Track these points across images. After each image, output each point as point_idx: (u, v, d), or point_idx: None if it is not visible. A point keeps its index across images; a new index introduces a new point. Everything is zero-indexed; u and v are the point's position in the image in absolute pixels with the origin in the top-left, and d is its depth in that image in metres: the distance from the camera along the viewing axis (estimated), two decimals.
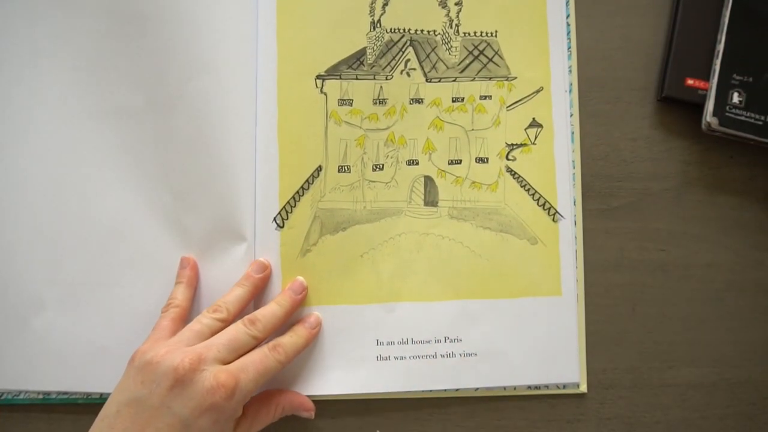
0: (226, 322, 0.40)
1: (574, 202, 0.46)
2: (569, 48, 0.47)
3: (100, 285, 0.44)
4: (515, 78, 0.46)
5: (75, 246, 0.44)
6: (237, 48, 0.45)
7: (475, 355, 0.44)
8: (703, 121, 0.46)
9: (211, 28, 0.45)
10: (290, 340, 0.41)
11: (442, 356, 0.44)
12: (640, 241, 0.47)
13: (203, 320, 0.40)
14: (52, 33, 0.45)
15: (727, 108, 0.45)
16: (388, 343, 0.44)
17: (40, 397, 0.44)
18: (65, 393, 0.43)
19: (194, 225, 0.44)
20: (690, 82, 0.47)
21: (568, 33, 0.47)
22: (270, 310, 0.41)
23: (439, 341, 0.45)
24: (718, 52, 0.46)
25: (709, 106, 0.45)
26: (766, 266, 0.47)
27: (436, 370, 0.44)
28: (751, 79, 0.45)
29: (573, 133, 0.47)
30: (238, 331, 0.39)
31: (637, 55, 0.48)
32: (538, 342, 0.45)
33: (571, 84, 0.47)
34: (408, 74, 0.46)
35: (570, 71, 0.47)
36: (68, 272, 0.44)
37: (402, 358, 0.44)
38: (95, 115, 0.45)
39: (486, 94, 0.46)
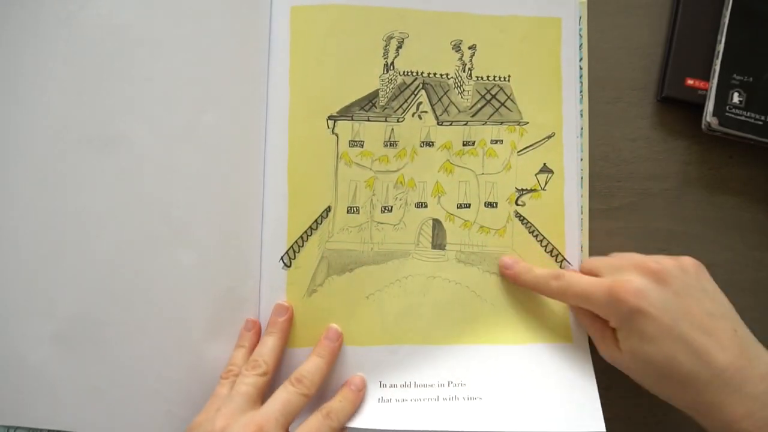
0: (268, 374, 0.40)
1: (582, 248, 0.46)
2: (581, 92, 0.47)
3: (96, 322, 0.42)
4: (527, 123, 0.46)
5: (73, 281, 0.43)
6: (249, 86, 0.44)
7: (480, 399, 0.43)
8: (703, 121, 0.46)
9: (224, 64, 0.44)
10: (340, 405, 0.41)
11: (445, 400, 0.43)
12: (640, 241, 0.47)
13: (247, 380, 0.39)
14: (58, 54, 0.44)
15: (727, 108, 0.45)
16: (391, 386, 0.44)
17: None
18: None
19: (194, 262, 0.43)
20: (690, 82, 0.47)
21: (581, 77, 0.47)
22: (313, 365, 0.41)
23: (442, 385, 0.44)
24: (718, 52, 0.46)
25: (709, 106, 0.45)
26: (765, 266, 0.47)
27: (437, 414, 0.43)
28: (751, 79, 0.45)
29: (582, 178, 0.46)
30: (288, 393, 0.39)
31: (637, 55, 0.48)
32: (550, 389, 0.43)
33: (582, 128, 0.47)
34: (420, 117, 0.45)
35: (582, 115, 0.47)
36: (65, 308, 0.43)
37: (404, 400, 0.43)
38: (97, 142, 0.43)
39: (497, 139, 0.46)
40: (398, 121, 0.45)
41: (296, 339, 0.43)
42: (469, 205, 0.46)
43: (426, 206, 0.45)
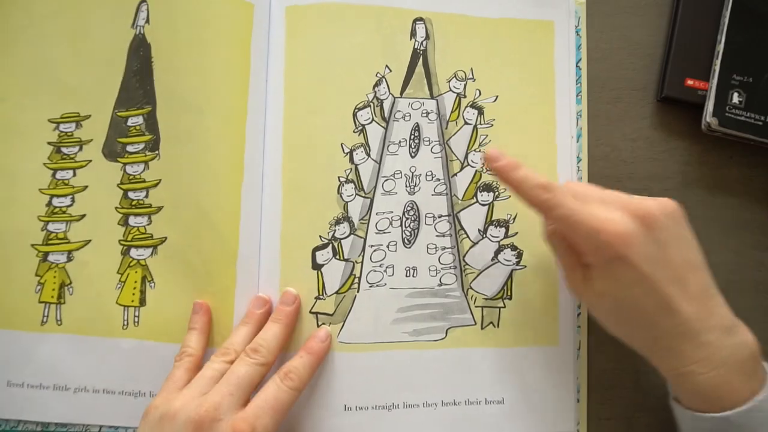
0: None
1: None
2: (579, 93, 0.47)
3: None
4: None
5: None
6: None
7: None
8: (703, 121, 0.46)
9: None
10: (301, 362, 0.40)
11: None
12: None
13: (214, 366, 0.39)
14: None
15: (727, 108, 0.45)
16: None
17: (39, 428, 0.43)
18: (64, 425, 0.43)
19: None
20: (690, 82, 0.47)
21: (579, 78, 0.47)
22: (270, 332, 0.41)
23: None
24: (718, 52, 0.46)
25: (709, 106, 0.45)
26: (766, 266, 0.47)
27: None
28: (751, 79, 0.45)
29: (581, 179, 0.46)
30: (244, 365, 0.39)
31: (637, 55, 0.48)
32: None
33: (580, 129, 0.47)
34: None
35: (580, 116, 0.47)
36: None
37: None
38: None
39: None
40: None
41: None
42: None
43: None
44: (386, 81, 0.46)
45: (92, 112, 0.45)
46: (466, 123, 0.46)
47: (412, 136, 0.46)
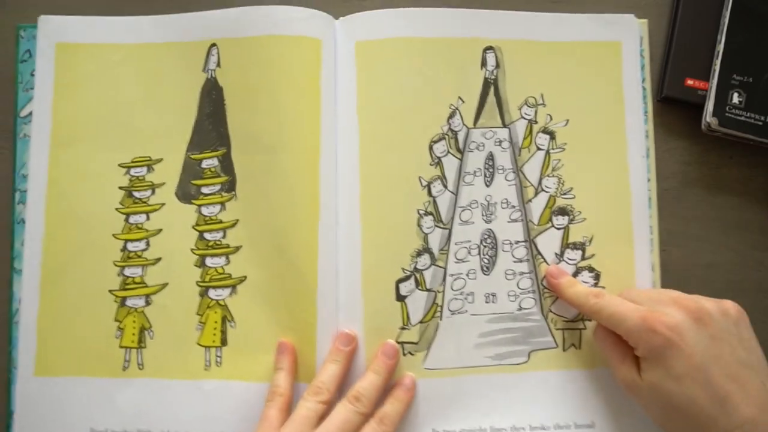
0: (329, 403, 0.40)
1: (653, 267, 0.45)
2: (645, 112, 0.47)
3: None
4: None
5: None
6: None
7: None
8: (703, 121, 0.46)
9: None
10: (392, 408, 0.41)
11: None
12: None
13: (308, 405, 0.39)
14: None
15: (727, 108, 0.45)
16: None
17: None
18: None
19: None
20: (690, 82, 0.47)
21: (644, 97, 0.47)
22: (369, 382, 0.41)
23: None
24: (718, 52, 0.46)
25: (709, 106, 0.45)
26: (766, 267, 0.47)
27: None
28: (751, 79, 0.45)
29: (650, 198, 0.46)
30: (347, 412, 0.39)
31: None
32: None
33: (648, 149, 0.46)
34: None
35: (647, 135, 0.47)
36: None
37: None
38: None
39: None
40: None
41: None
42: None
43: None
44: (459, 112, 0.45)
45: (164, 155, 0.45)
46: (538, 149, 0.46)
47: (487, 166, 0.46)
